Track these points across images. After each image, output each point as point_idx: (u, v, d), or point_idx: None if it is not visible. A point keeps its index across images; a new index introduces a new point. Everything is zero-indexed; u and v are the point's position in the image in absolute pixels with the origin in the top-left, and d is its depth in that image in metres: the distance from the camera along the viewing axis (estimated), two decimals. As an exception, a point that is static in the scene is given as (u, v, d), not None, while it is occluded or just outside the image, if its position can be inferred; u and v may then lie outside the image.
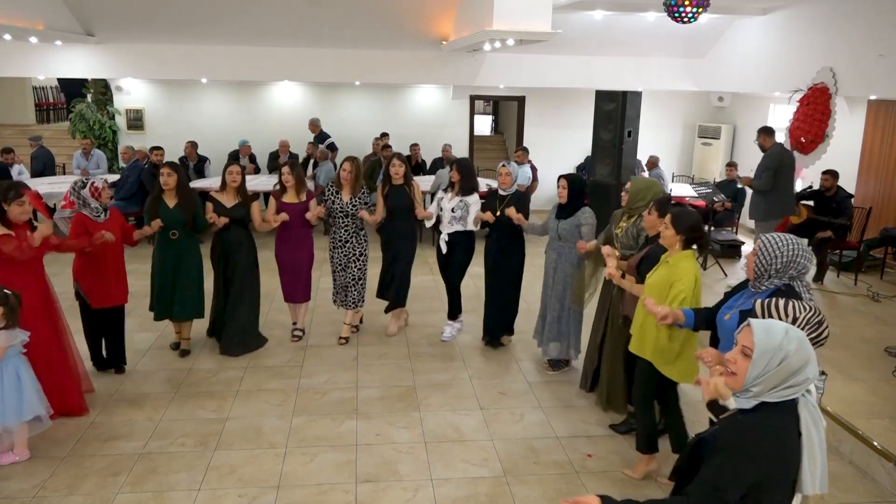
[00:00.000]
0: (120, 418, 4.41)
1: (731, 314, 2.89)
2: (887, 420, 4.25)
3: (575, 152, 11.73)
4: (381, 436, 4.25)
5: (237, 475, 3.79)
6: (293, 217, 5.36)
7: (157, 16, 8.39)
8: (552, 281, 5.00)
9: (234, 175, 5.22)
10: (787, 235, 2.81)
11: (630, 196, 4.31)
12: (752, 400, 1.83)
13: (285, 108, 11.47)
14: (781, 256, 2.75)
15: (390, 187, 5.56)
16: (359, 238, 5.58)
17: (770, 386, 1.80)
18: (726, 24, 9.34)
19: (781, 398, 1.80)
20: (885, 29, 6.58)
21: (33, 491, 3.61)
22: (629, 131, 8.24)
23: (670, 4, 5.89)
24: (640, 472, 3.81)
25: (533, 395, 4.85)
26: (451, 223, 5.51)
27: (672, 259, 3.47)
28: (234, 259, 5.28)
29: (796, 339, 1.79)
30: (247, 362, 5.30)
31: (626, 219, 4.39)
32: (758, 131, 7.34)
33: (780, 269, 2.77)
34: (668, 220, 3.45)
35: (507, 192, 5.32)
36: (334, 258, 5.60)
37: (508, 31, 6.19)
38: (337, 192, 5.51)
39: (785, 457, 1.78)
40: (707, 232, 3.82)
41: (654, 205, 3.88)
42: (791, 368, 1.78)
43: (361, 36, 9.06)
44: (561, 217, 4.87)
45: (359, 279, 5.61)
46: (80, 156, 9.97)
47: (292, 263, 5.53)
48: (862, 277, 7.50)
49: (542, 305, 5.15)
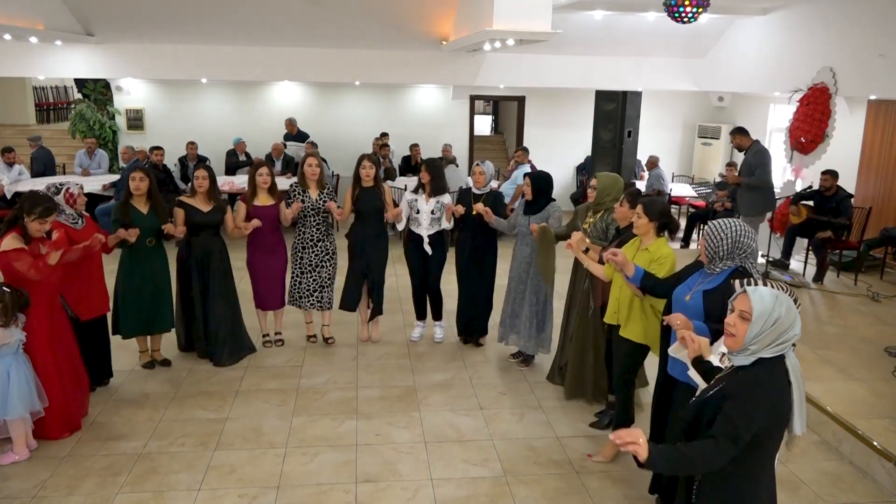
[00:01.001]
0: (120, 418, 4.40)
1: (691, 294, 3.06)
2: (887, 420, 4.25)
3: (575, 152, 11.74)
4: (381, 436, 4.24)
5: (237, 475, 3.79)
6: (267, 221, 5.19)
7: (157, 16, 8.40)
8: (526, 276, 5.04)
9: (201, 180, 4.97)
10: (732, 220, 3.00)
11: (598, 192, 4.45)
12: (749, 357, 2.12)
13: (285, 108, 11.47)
14: (727, 239, 2.95)
15: (360, 189, 5.34)
16: (330, 237, 5.43)
17: (764, 344, 2.09)
18: (726, 24, 9.35)
19: (774, 353, 2.10)
20: (885, 29, 6.59)
21: (33, 491, 3.61)
22: (629, 131, 8.24)
23: (670, 4, 5.90)
24: (611, 453, 3.96)
25: (533, 395, 4.85)
26: (432, 225, 5.46)
27: (651, 246, 3.64)
28: (211, 265, 5.04)
29: (785, 303, 2.10)
30: (247, 362, 5.30)
31: (592, 214, 4.53)
32: (732, 133, 7.60)
33: (728, 251, 2.97)
34: (639, 209, 3.63)
35: (481, 190, 5.38)
36: (304, 259, 5.37)
37: (508, 31, 6.19)
38: (304, 191, 5.31)
39: (783, 403, 2.09)
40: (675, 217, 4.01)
41: (626, 197, 4.01)
42: (782, 327, 2.08)
43: (361, 36, 9.07)
44: (530, 213, 4.99)
45: (332, 279, 5.49)
46: (83, 155, 9.97)
47: (268, 269, 5.34)
48: (862, 277, 7.49)
49: (511, 301, 5.18)
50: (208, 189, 5.03)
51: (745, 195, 7.35)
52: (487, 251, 5.41)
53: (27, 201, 3.82)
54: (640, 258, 3.64)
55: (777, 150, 9.27)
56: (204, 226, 5.01)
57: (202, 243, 5.03)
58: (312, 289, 5.45)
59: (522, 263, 5.05)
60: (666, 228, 3.68)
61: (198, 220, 4.98)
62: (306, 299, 5.47)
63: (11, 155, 9.16)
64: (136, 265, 4.82)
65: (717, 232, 2.98)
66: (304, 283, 5.44)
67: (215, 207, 5.05)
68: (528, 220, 4.97)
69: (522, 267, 5.06)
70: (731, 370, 2.20)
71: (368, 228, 5.41)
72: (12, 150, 9.31)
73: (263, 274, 5.37)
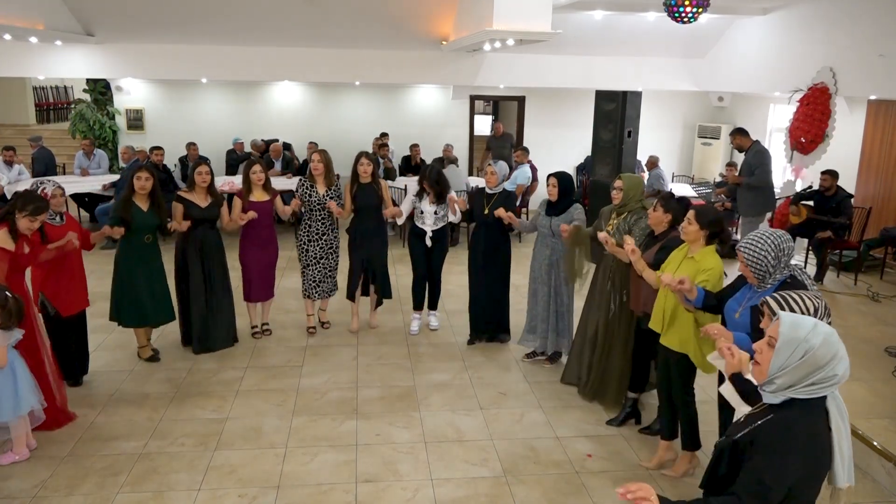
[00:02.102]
0: (120, 418, 4.40)
1: (741, 311, 2.92)
2: (887, 420, 4.25)
3: (575, 152, 11.73)
4: (381, 436, 4.24)
5: (237, 475, 3.79)
6: (262, 216, 5.37)
7: (156, 16, 8.40)
8: (547, 277, 5.04)
9: (204, 175, 5.16)
10: (757, 233, 2.89)
11: (624, 193, 4.40)
12: (777, 394, 1.84)
13: (285, 108, 11.48)
14: (768, 253, 2.82)
15: (358, 185, 5.55)
16: (334, 231, 5.69)
17: (794, 379, 1.80)
18: (726, 24, 9.34)
19: (808, 395, 1.80)
20: (885, 29, 6.58)
21: (33, 491, 3.61)
22: (629, 131, 8.23)
23: (670, 4, 5.90)
24: (683, 469, 3.79)
25: (533, 395, 4.85)
26: (436, 222, 5.62)
27: (698, 255, 3.49)
28: (210, 258, 5.23)
29: (822, 335, 1.79)
30: (247, 362, 5.30)
31: (615, 216, 4.47)
32: (732, 133, 7.65)
33: (774, 263, 2.82)
34: (691, 215, 3.48)
35: (493, 190, 5.42)
36: (310, 252, 5.60)
37: (508, 31, 6.19)
38: (311, 186, 5.50)
39: (821, 453, 1.81)
40: (729, 227, 3.94)
41: (659, 201, 3.92)
42: (815, 363, 1.78)
43: (361, 36, 9.06)
44: (552, 214, 4.97)
45: (334, 269, 5.74)
46: (81, 156, 9.97)
47: (260, 263, 5.53)
48: (862, 277, 7.49)
49: (534, 303, 5.19)
50: (208, 184, 5.19)
51: (746, 195, 7.39)
52: (501, 250, 5.47)
53: (21, 199, 4.00)
54: (685, 268, 3.48)
55: (777, 150, 9.27)
56: (202, 220, 5.18)
57: (200, 237, 5.19)
58: (319, 279, 5.67)
59: (543, 265, 5.06)
60: (717, 238, 3.51)
61: (196, 214, 5.14)
62: (312, 290, 5.69)
63: (11, 153, 9.16)
64: (133, 260, 4.94)
65: (754, 251, 2.83)
66: (311, 274, 5.65)
67: (213, 202, 5.22)
68: (549, 221, 4.97)
69: (543, 268, 5.07)
70: (762, 408, 1.93)
71: (367, 223, 5.61)
72: (13, 148, 9.31)
73: (256, 266, 5.53)
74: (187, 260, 5.19)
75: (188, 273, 5.19)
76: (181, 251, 5.22)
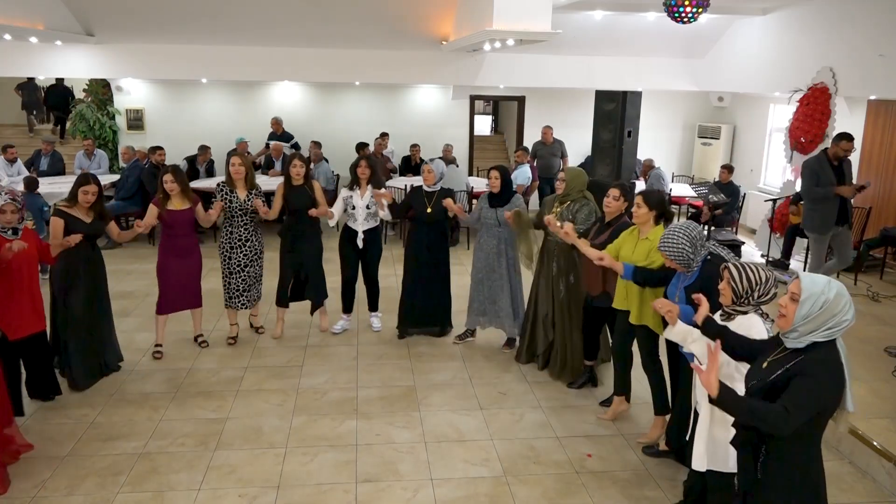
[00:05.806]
0: (120, 418, 4.41)
1: (678, 294, 3.36)
2: (887, 420, 4.25)
3: (575, 152, 11.73)
4: (381, 436, 4.25)
5: (237, 475, 3.79)
6: (181, 224, 5.16)
7: (157, 16, 8.41)
8: (497, 264, 5.33)
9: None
10: (670, 231, 3.32)
11: (566, 184, 4.82)
12: (798, 340, 2.24)
13: (285, 108, 11.47)
14: (685, 243, 3.25)
15: (290, 188, 5.46)
16: (257, 236, 5.51)
17: (815, 325, 2.20)
18: (726, 24, 9.35)
19: (826, 338, 2.21)
20: (885, 29, 6.59)
21: (33, 491, 3.61)
22: (629, 131, 8.22)
23: (670, 4, 5.90)
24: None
25: (533, 395, 4.85)
26: (367, 220, 5.63)
27: (651, 234, 3.85)
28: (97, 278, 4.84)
29: (836, 288, 2.20)
30: (247, 362, 5.30)
31: (558, 204, 4.89)
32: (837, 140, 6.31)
33: (692, 249, 3.25)
34: (639, 199, 3.88)
35: (432, 188, 5.54)
36: (233, 259, 5.42)
37: (508, 31, 6.20)
38: (231, 191, 5.34)
39: (841, 383, 2.23)
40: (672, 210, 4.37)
41: (620, 191, 4.32)
42: (831, 311, 2.18)
43: (361, 36, 9.07)
44: (497, 205, 5.27)
45: (260, 277, 5.63)
46: (82, 156, 9.96)
47: (180, 273, 5.22)
48: (862, 277, 7.49)
49: (486, 290, 5.41)
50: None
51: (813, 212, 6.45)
52: (442, 246, 5.67)
53: None
54: (640, 248, 3.87)
55: (777, 150, 9.26)
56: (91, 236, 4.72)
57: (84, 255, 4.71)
58: (242, 288, 5.53)
59: (490, 254, 5.35)
60: (663, 217, 3.92)
61: (81, 229, 4.59)
62: (236, 299, 5.55)
63: (13, 151, 9.17)
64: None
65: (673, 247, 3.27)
66: (234, 283, 5.50)
67: (96, 218, 4.74)
68: (494, 213, 5.27)
69: (492, 257, 5.35)
70: (784, 353, 2.32)
71: (300, 225, 5.56)
72: (13, 146, 9.32)
73: (175, 277, 5.23)
74: (70, 281, 4.63)
75: (68, 295, 4.62)
76: (62, 271, 4.61)
